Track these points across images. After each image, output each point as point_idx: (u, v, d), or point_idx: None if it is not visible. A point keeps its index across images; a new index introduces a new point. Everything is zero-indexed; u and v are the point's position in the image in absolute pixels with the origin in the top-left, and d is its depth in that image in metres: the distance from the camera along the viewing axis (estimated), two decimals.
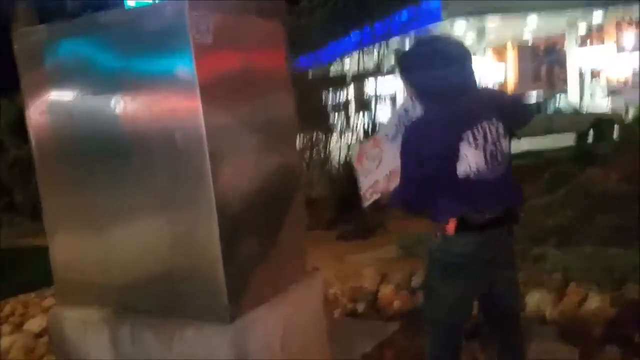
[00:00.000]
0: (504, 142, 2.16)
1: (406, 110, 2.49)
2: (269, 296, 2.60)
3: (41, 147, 2.79)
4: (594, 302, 3.62)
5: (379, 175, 2.51)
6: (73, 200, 2.74)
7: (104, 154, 2.60)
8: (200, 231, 2.39)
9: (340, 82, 9.09)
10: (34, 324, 4.49)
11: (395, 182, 2.34)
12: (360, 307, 4.04)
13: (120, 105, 2.50)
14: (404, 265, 4.76)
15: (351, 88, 9.29)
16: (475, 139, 2.08)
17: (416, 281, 4.26)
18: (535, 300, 3.71)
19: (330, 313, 3.44)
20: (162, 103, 2.39)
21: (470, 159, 2.08)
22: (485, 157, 2.10)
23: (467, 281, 2.24)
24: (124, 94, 2.49)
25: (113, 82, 2.51)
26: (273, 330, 2.55)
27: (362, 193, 2.54)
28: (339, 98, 8.87)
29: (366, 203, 2.53)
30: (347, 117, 8.77)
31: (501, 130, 2.15)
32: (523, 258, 4.65)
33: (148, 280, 2.58)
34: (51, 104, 2.70)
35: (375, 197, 2.49)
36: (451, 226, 2.15)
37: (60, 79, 2.65)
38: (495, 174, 2.15)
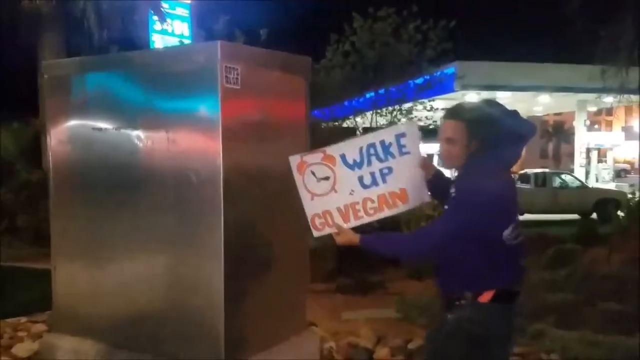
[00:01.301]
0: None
1: (386, 145, 2.32)
2: (266, 347, 2.58)
3: (58, 174, 2.85)
4: None
5: (330, 205, 2.27)
6: (82, 229, 2.79)
7: (118, 187, 2.67)
8: (204, 273, 2.41)
9: (350, 134, 9.26)
10: (22, 349, 4.40)
11: (351, 221, 2.23)
12: None
13: (140, 141, 2.56)
14: (402, 329, 4.70)
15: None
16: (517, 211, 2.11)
17: (413, 346, 4.20)
18: None
19: None
20: (183, 142, 2.47)
21: (510, 229, 2.07)
22: (514, 226, 2.10)
23: (493, 356, 2.13)
24: (145, 130, 2.57)
25: (135, 118, 2.60)
26: None
27: (308, 216, 2.27)
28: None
29: (315, 234, 2.27)
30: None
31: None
32: (521, 333, 4.60)
33: (146, 318, 2.58)
34: (73, 133, 2.78)
35: (329, 231, 2.24)
36: (487, 295, 2.05)
37: (84, 111, 2.75)
38: (517, 245, 2.13)
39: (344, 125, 9.35)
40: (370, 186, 2.31)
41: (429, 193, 2.37)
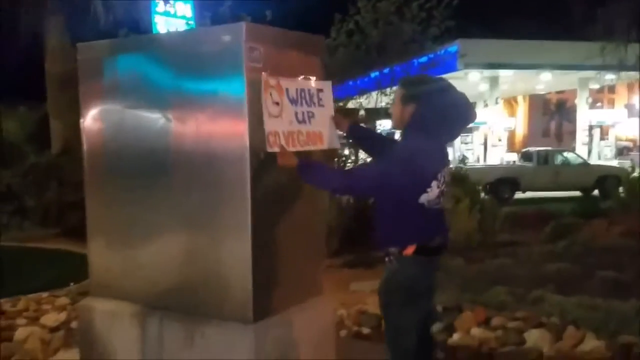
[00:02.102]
0: (447, 187, 2.54)
1: (311, 94, 2.76)
2: (289, 305, 2.81)
3: (92, 153, 3.05)
4: (590, 344, 3.79)
5: (279, 127, 2.57)
6: (116, 205, 2.99)
7: (149, 165, 2.85)
8: (234, 241, 2.62)
9: (353, 115, 9.38)
10: (50, 319, 4.66)
11: (289, 147, 2.56)
12: (365, 330, 4.21)
13: (170, 121, 2.74)
14: None
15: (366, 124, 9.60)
16: (440, 178, 2.47)
17: None
18: (534, 337, 3.88)
19: (337, 332, 3.61)
20: (210, 122, 2.65)
21: (431, 194, 2.44)
22: (438, 194, 2.47)
23: (424, 302, 2.55)
24: (174, 111, 2.74)
25: (164, 99, 2.77)
26: (289, 337, 2.75)
27: (265, 132, 2.51)
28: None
29: (268, 149, 2.52)
30: (357, 149, 8.99)
31: (448, 177, 2.56)
32: (521, 300, 4.83)
33: (178, 282, 2.80)
34: (105, 114, 2.97)
35: (277, 149, 2.53)
36: (410, 250, 2.45)
37: (116, 92, 2.93)
38: (438, 209, 2.51)
39: (349, 106, 9.47)
40: (302, 122, 2.72)
41: (353, 142, 2.97)
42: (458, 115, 2.51)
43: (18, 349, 4.05)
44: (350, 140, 2.90)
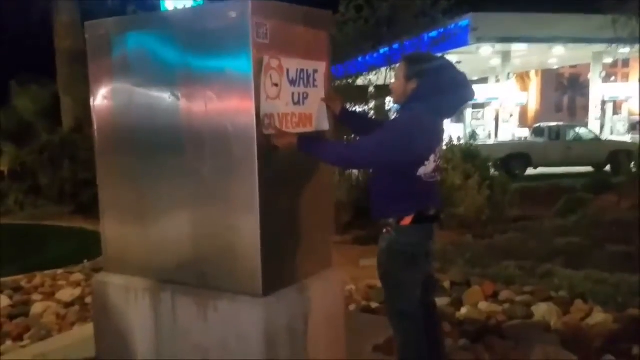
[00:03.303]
0: (440, 161, 2.66)
1: (308, 74, 2.78)
2: (299, 279, 2.86)
3: (102, 131, 3.08)
4: (598, 317, 3.82)
5: (274, 110, 2.59)
6: (127, 182, 3.03)
7: (158, 142, 2.87)
8: (242, 216, 2.65)
9: (363, 92, 9.33)
10: (65, 294, 4.78)
11: (285, 126, 2.61)
12: (374, 304, 4.27)
13: (178, 98, 2.76)
14: None
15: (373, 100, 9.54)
16: (437, 152, 2.59)
17: None
18: (542, 311, 3.92)
19: (346, 306, 3.67)
20: (218, 98, 2.65)
21: (428, 167, 2.54)
22: (434, 168, 2.59)
23: (422, 268, 2.66)
24: (182, 88, 2.75)
25: (172, 76, 2.78)
26: (299, 309, 2.80)
27: (261, 115, 2.54)
28: (362, 107, 9.09)
29: (264, 131, 2.55)
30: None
31: (441, 153, 2.68)
32: (530, 274, 4.87)
33: (189, 256, 2.84)
34: (115, 92, 2.99)
35: (272, 131, 2.56)
36: (407, 220, 2.55)
37: (125, 69, 2.93)
38: (433, 182, 2.62)
39: (358, 82, 9.42)
40: (297, 104, 2.74)
41: (343, 123, 2.99)
42: (457, 93, 2.58)
43: (35, 323, 4.17)
44: (341, 121, 2.93)
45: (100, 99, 3.04)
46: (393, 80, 2.71)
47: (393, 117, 2.66)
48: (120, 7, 12.56)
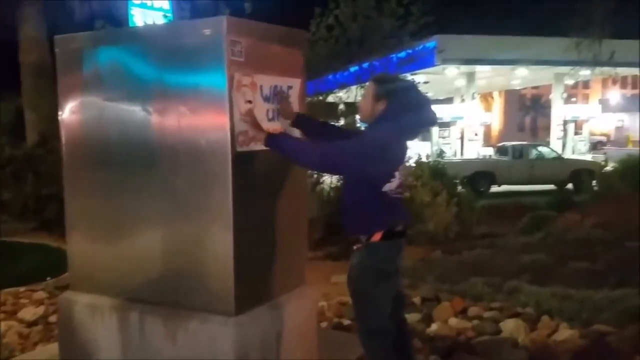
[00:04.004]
0: (403, 179, 2.74)
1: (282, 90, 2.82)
2: (272, 297, 2.84)
3: (71, 146, 3.02)
4: (564, 333, 3.89)
5: (248, 127, 2.60)
6: (96, 198, 2.97)
7: (130, 157, 2.84)
8: (215, 233, 2.63)
9: (333, 109, 9.41)
10: (28, 313, 4.62)
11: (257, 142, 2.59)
12: (346, 321, 4.26)
13: (151, 114, 2.74)
14: None
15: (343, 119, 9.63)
16: (401, 170, 2.67)
17: None
18: (510, 327, 3.97)
19: (318, 323, 3.65)
20: (191, 114, 2.64)
21: (393, 183, 2.61)
22: (398, 184, 2.66)
23: (393, 284, 2.69)
24: (155, 104, 2.74)
25: (146, 92, 2.76)
26: (272, 328, 2.78)
27: (235, 132, 2.55)
28: (333, 123, 9.17)
29: (238, 148, 2.57)
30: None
31: (405, 171, 2.78)
32: (498, 290, 4.94)
33: (160, 274, 2.80)
34: (85, 106, 2.94)
35: (246, 148, 2.59)
36: (377, 236, 2.59)
37: (96, 84, 2.90)
38: (399, 198, 2.69)
39: (329, 99, 9.50)
40: (271, 120, 2.78)
41: (300, 130, 2.96)
42: (422, 115, 2.67)
43: None
44: (297, 129, 2.94)
45: (70, 113, 2.98)
46: (361, 99, 2.77)
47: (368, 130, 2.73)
48: (87, 21, 12.41)
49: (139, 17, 14.91)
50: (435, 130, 26.05)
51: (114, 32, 2.90)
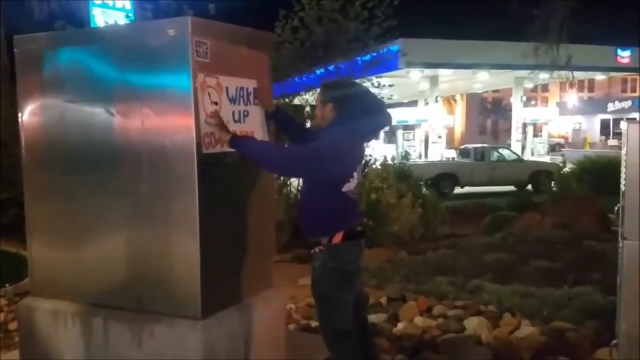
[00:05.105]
0: (360, 179, 2.80)
1: (249, 92, 2.82)
2: (240, 299, 2.82)
3: (31, 149, 2.95)
4: (526, 330, 3.99)
5: (214, 128, 2.59)
6: (58, 201, 2.91)
7: (92, 161, 2.78)
8: (181, 237, 2.60)
9: (300, 111, 9.43)
10: None
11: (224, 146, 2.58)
12: (314, 323, 4.27)
13: (114, 115, 2.69)
14: None
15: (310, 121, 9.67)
16: (358, 171, 2.72)
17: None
18: (473, 324, 4.06)
19: (286, 325, 3.65)
20: (156, 116, 2.61)
21: (351, 184, 2.65)
22: (356, 185, 2.71)
23: (355, 285, 2.72)
24: (118, 105, 2.69)
25: (108, 93, 2.71)
26: (240, 331, 2.76)
27: (201, 132, 2.54)
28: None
29: (204, 150, 2.56)
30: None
31: (361, 172, 2.83)
32: (461, 289, 5.03)
33: (124, 279, 2.76)
34: (45, 109, 2.87)
35: (212, 150, 2.58)
36: (338, 237, 2.61)
37: (57, 86, 2.84)
38: (356, 198, 2.75)
39: (295, 102, 9.51)
40: (237, 121, 2.78)
41: (277, 125, 3.03)
42: (375, 118, 2.71)
43: None
44: (274, 123, 3.00)
45: (30, 115, 2.91)
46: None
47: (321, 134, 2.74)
48: (47, 21, 12.12)
49: (100, 17, 14.63)
50: (400, 132, 26.37)
51: (76, 32, 2.85)
